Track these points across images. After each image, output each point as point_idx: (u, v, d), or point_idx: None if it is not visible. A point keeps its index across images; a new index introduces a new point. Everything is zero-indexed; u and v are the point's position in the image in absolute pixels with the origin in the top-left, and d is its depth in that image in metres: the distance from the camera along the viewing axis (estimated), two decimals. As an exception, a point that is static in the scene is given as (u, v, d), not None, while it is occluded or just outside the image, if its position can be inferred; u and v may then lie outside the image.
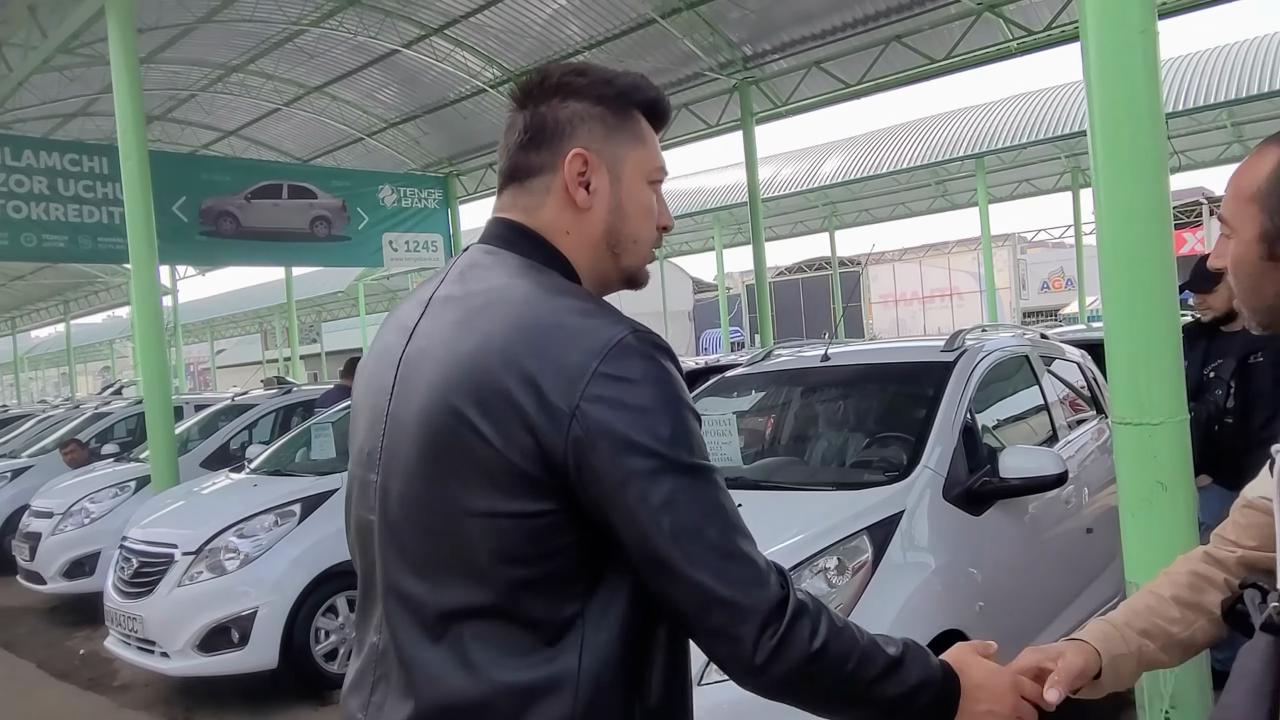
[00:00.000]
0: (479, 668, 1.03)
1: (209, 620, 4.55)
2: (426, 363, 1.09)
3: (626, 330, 1.05)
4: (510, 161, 1.19)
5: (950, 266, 37.96)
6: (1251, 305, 1.15)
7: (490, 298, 1.09)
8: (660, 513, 1.00)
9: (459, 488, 1.04)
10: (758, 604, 1.03)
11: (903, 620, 2.78)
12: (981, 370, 3.81)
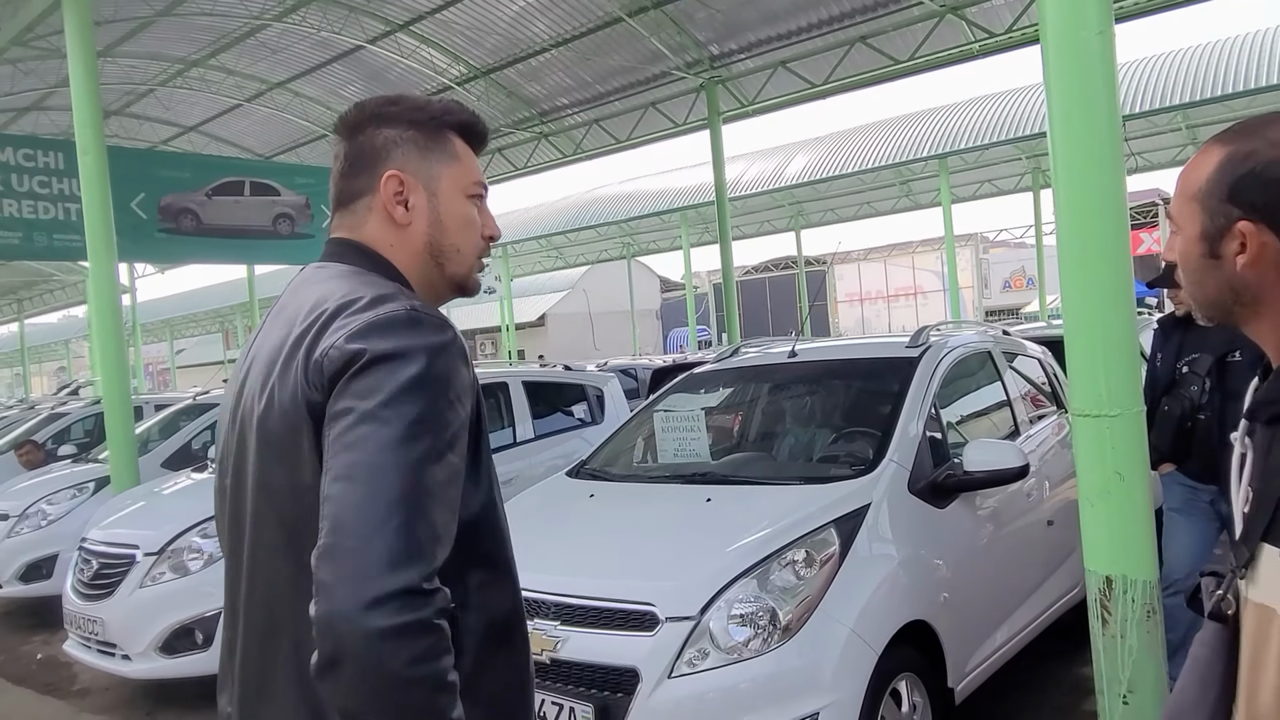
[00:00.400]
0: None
1: (172, 621, 4.47)
2: (255, 372, 1.19)
3: (405, 306, 1.10)
4: (336, 189, 1.29)
5: (914, 266, 38.40)
6: (1197, 299, 1.16)
7: (306, 294, 1.20)
8: (357, 455, 1.01)
9: (267, 467, 1.13)
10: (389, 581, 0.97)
11: (870, 611, 2.82)
12: (945, 366, 3.87)
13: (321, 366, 1.07)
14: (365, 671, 0.95)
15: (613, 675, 2.70)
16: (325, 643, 0.97)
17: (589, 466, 4.12)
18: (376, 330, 1.07)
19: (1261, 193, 1.05)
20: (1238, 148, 1.08)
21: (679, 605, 2.72)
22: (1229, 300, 1.13)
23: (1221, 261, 1.10)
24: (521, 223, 28.34)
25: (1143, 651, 2.30)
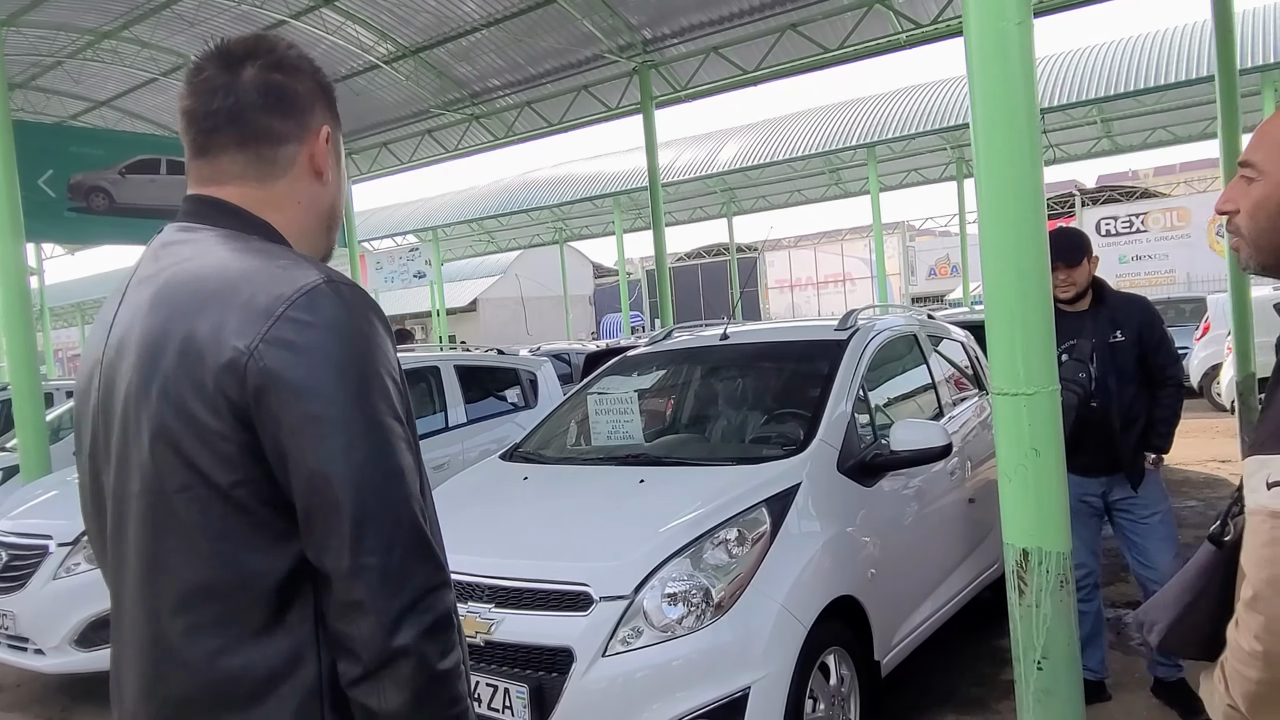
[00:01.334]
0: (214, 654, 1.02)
1: (89, 614, 4.31)
2: (126, 351, 1.08)
3: (321, 278, 1.03)
4: (236, 124, 1.13)
5: (844, 253, 39.11)
6: (1263, 244, 1.25)
7: (179, 270, 1.08)
8: (344, 456, 0.98)
9: (158, 461, 1.02)
10: (422, 582, 1.00)
11: (800, 587, 2.89)
12: (872, 348, 3.96)
13: (246, 372, 0.99)
14: (416, 671, 0.98)
15: (547, 655, 2.71)
16: (371, 653, 0.98)
17: (523, 449, 4.11)
18: (318, 312, 1.01)
19: None
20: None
21: (613, 585, 2.74)
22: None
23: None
24: (452, 206, 27.94)
25: (1056, 619, 2.40)
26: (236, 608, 1.02)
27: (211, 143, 1.15)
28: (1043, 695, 2.44)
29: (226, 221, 1.13)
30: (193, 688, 1.04)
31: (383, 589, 0.98)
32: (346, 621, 0.99)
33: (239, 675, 1.02)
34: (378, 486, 0.99)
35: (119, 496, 1.08)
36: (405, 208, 29.52)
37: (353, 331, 1.02)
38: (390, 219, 28.84)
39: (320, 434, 0.98)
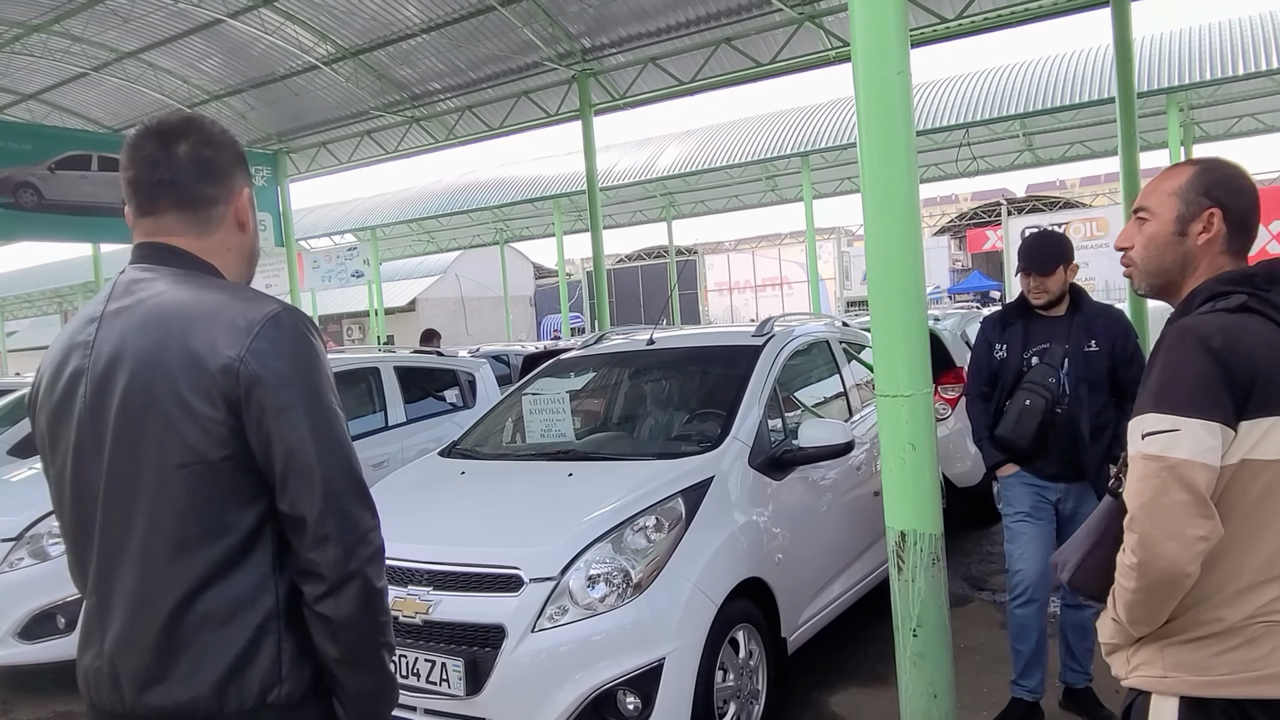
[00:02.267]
0: (198, 589, 1.33)
1: (32, 607, 4.41)
2: (121, 361, 1.35)
3: (280, 307, 1.38)
4: (176, 191, 1.42)
5: (781, 257, 39.86)
6: (1151, 268, 1.65)
7: (160, 300, 1.38)
8: (307, 432, 1.32)
9: (161, 441, 1.32)
10: (369, 523, 1.37)
11: (712, 569, 3.20)
12: (786, 353, 4.30)
13: (239, 373, 1.31)
14: (363, 587, 1.34)
15: (481, 632, 2.97)
16: (334, 574, 1.32)
17: (460, 446, 4.36)
18: (284, 333, 1.36)
19: (1225, 193, 1.59)
20: (1208, 164, 1.64)
21: (541, 567, 3.02)
22: (1177, 269, 1.63)
23: (1185, 239, 1.60)
24: (391, 205, 27.80)
25: (929, 593, 2.75)
26: (217, 552, 1.33)
27: (156, 205, 1.44)
28: (917, 659, 2.79)
29: (179, 263, 1.43)
30: (179, 616, 1.33)
31: (342, 526, 1.33)
32: (318, 551, 1.33)
33: (216, 603, 1.33)
34: (336, 454, 1.35)
35: (120, 476, 1.35)
36: (343, 206, 29.26)
37: (307, 345, 1.37)
38: (328, 217, 28.57)
39: (294, 417, 1.33)
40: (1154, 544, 1.41)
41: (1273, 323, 1.48)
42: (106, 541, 1.37)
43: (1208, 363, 1.43)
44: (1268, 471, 1.43)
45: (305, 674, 1.37)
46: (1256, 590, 1.45)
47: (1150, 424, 1.44)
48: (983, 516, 6.46)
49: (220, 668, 1.32)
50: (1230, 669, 1.44)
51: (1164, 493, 1.40)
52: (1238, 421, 1.42)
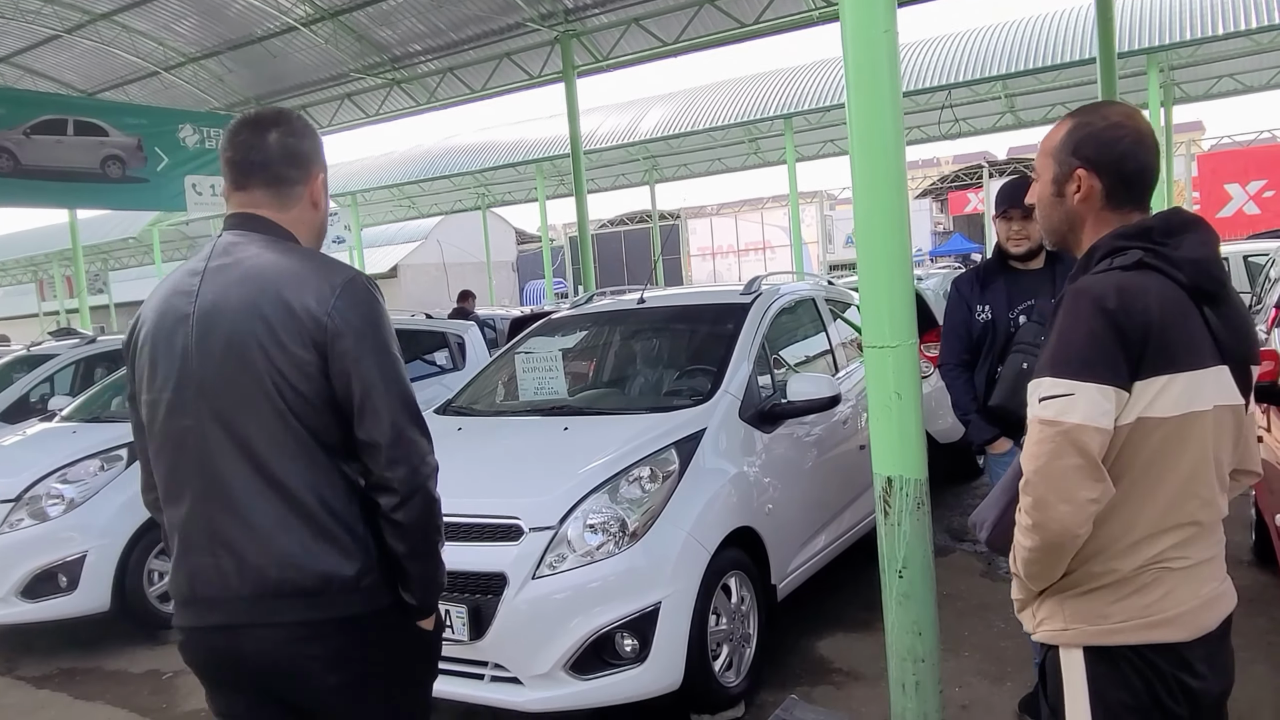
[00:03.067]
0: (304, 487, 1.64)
1: (33, 566, 4.49)
2: (225, 305, 1.66)
3: (356, 272, 1.71)
4: (266, 171, 1.74)
5: (764, 221, 39.83)
6: (1046, 228, 1.69)
7: (256, 260, 1.68)
8: (380, 374, 1.63)
9: (262, 375, 1.62)
10: (427, 448, 1.70)
11: (705, 518, 3.31)
12: (774, 311, 4.39)
13: (326, 326, 1.62)
14: (425, 498, 1.68)
15: (483, 580, 3.07)
16: (405, 488, 1.64)
17: (455, 404, 4.43)
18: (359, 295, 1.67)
19: (1093, 149, 1.56)
20: (1081, 119, 1.60)
21: (540, 517, 3.12)
22: (1066, 228, 1.65)
23: (1064, 199, 1.61)
24: (371, 170, 27.53)
25: (914, 536, 2.87)
26: (309, 465, 1.65)
27: (248, 182, 1.75)
28: (903, 599, 2.92)
29: (267, 230, 1.74)
30: (298, 511, 1.64)
31: (409, 450, 1.65)
32: (391, 470, 1.64)
33: (326, 503, 1.65)
34: (402, 391, 1.67)
35: (226, 403, 1.64)
36: (323, 171, 28.90)
37: (375, 303, 1.69)
38: (307, 183, 28.23)
39: (368, 363, 1.63)
40: (1047, 507, 1.44)
41: (1169, 279, 1.47)
42: (214, 458, 1.65)
43: (1102, 325, 1.43)
44: (1162, 429, 1.45)
45: (383, 565, 1.69)
46: (1149, 541, 1.48)
47: (1046, 388, 1.45)
48: (964, 472, 6.62)
49: (333, 554, 1.64)
50: (1125, 616, 1.48)
51: (1058, 456, 1.42)
52: (1132, 382, 1.44)
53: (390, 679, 1.74)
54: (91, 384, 7.27)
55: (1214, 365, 1.49)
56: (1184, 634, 1.48)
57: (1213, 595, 1.53)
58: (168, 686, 4.24)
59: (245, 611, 1.64)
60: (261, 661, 1.65)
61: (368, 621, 1.68)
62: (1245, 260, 9.86)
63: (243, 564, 1.63)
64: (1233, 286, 1.55)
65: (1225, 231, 24.07)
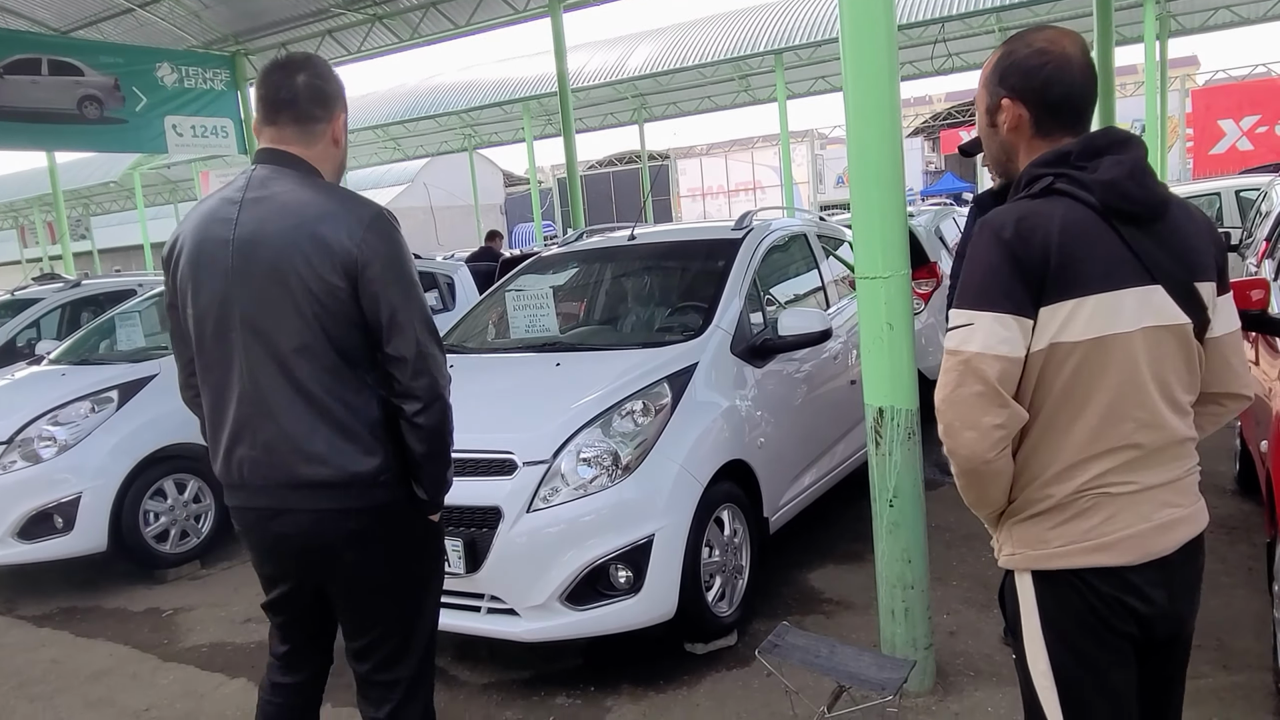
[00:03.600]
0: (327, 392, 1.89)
1: (28, 508, 4.50)
2: (264, 235, 1.87)
3: (380, 208, 1.92)
4: (294, 108, 1.94)
5: (754, 161, 39.47)
6: (989, 160, 1.69)
7: (291, 195, 1.90)
8: (404, 298, 1.87)
9: (298, 299, 1.85)
10: (444, 362, 1.94)
11: (697, 451, 3.33)
12: (765, 246, 4.36)
13: (357, 257, 1.84)
14: (443, 404, 1.95)
15: (479, 514, 3.10)
16: (428, 395, 1.91)
17: (446, 342, 4.39)
18: (385, 228, 1.90)
19: (1017, 78, 1.55)
20: (1007, 48, 1.59)
21: (534, 451, 3.13)
22: (1004, 158, 1.64)
23: (997, 130, 1.61)
24: (355, 110, 26.40)
25: (904, 466, 2.89)
26: (338, 376, 1.89)
27: (278, 118, 1.96)
28: (893, 528, 2.96)
29: (297, 166, 1.95)
30: (324, 415, 1.89)
31: (431, 364, 1.90)
32: (416, 380, 1.89)
33: (351, 408, 1.90)
34: (422, 312, 1.91)
35: (267, 323, 1.88)
36: (305, 112, 28.36)
37: (398, 236, 1.91)
38: (290, 124, 27.72)
39: (395, 286, 1.87)
40: (955, 433, 1.47)
41: (1079, 202, 1.45)
42: (254, 369, 1.90)
43: (999, 255, 1.44)
44: (1077, 352, 1.44)
45: (399, 465, 1.95)
46: (1082, 466, 1.48)
47: (952, 319, 1.50)
48: (953, 407, 6.65)
49: (355, 453, 1.89)
50: (1065, 540, 1.50)
51: (960, 384, 1.45)
52: (1035, 309, 1.44)
53: (402, 563, 2.03)
54: (78, 327, 7.22)
55: (1137, 286, 1.45)
56: (1127, 558, 1.48)
57: (1168, 520, 1.51)
58: (168, 624, 4.30)
59: (282, 498, 1.93)
60: (295, 538, 1.96)
61: (384, 511, 1.95)
62: (1237, 195, 9.85)
63: (280, 459, 1.91)
64: (1177, 203, 1.52)
65: (1218, 168, 24.00)
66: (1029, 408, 1.48)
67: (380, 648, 2.05)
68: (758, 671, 3.23)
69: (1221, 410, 1.64)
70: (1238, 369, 1.60)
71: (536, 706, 3.20)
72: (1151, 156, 2.93)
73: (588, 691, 3.27)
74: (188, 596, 4.62)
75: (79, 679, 3.77)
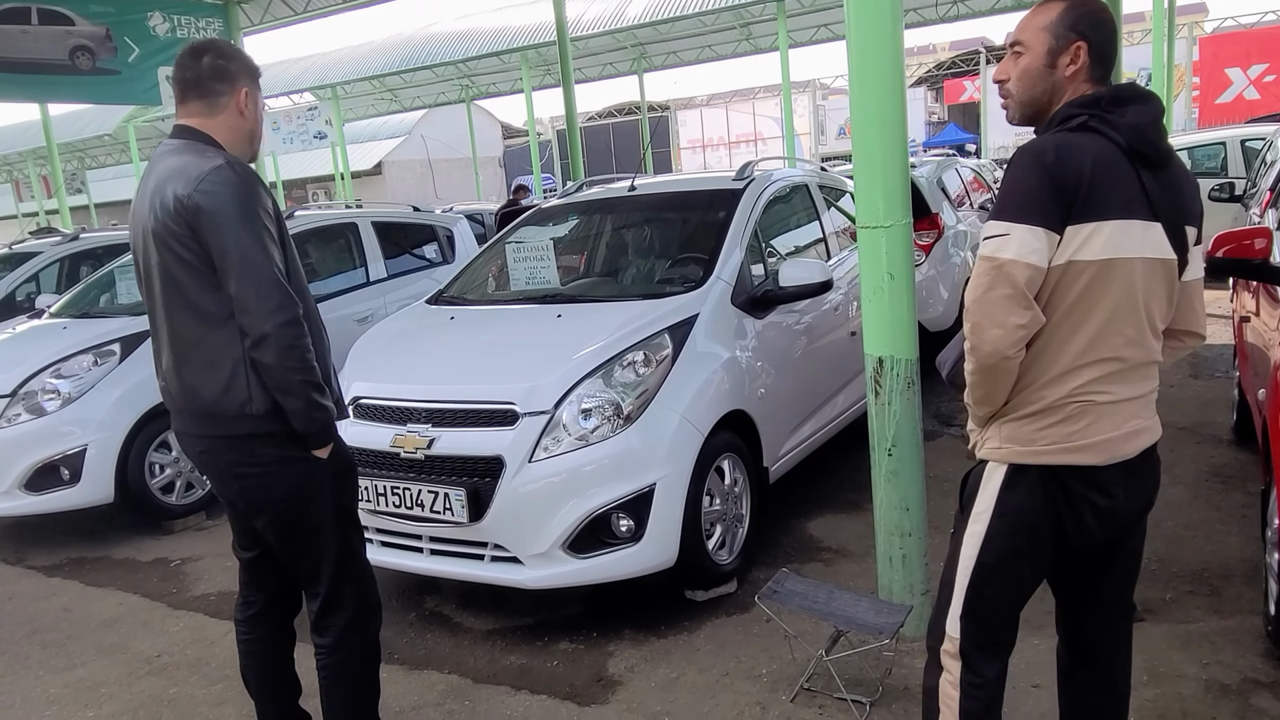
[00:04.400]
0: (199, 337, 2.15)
1: (35, 460, 4.54)
2: (143, 200, 2.17)
3: (222, 162, 2.09)
4: (198, 87, 2.19)
5: (755, 112, 38.95)
6: (1027, 99, 1.80)
7: (165, 163, 2.14)
8: (232, 242, 2.04)
9: (164, 251, 2.12)
10: (276, 304, 2.05)
11: (698, 401, 3.35)
12: (766, 197, 4.33)
13: (187, 205, 2.05)
14: (275, 342, 2.06)
15: (481, 464, 3.13)
16: (254, 332, 2.06)
17: (447, 294, 4.42)
18: (220, 178, 2.07)
19: (1088, 26, 1.73)
20: (1075, 1, 1.74)
21: (536, 402, 3.15)
22: (1047, 99, 1.77)
23: (1055, 70, 1.75)
24: (351, 61, 26.61)
25: (903, 415, 2.91)
26: (205, 319, 2.12)
27: (186, 95, 2.21)
28: (892, 476, 2.99)
29: (191, 137, 2.19)
30: (193, 352, 2.15)
31: (255, 300, 2.04)
32: (243, 318, 2.07)
33: (210, 346, 2.13)
34: (250, 255, 2.05)
35: (156, 275, 2.16)
36: (301, 62, 27.96)
37: (237, 183, 2.07)
38: (285, 75, 27.33)
39: (222, 232, 2.05)
40: (982, 330, 1.66)
41: (1108, 140, 1.65)
42: (154, 313, 2.23)
43: (1038, 176, 1.63)
44: (1089, 271, 1.65)
45: (266, 398, 2.13)
46: (1074, 374, 1.69)
47: (989, 230, 1.67)
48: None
49: (217, 387, 2.13)
50: (1050, 441, 1.72)
51: (992, 288, 1.64)
52: (1063, 226, 1.63)
53: (292, 492, 2.21)
54: (77, 281, 7.21)
55: (1145, 220, 1.67)
56: (1099, 459, 1.72)
57: (1134, 429, 1.75)
58: (176, 573, 4.36)
59: (184, 424, 2.24)
60: (200, 460, 2.28)
61: (255, 440, 2.15)
62: (1243, 145, 9.75)
63: (176, 391, 2.22)
64: (1177, 156, 1.74)
65: (1223, 117, 23.71)
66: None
67: (297, 570, 2.32)
68: (757, 618, 3.28)
69: (1180, 345, 1.88)
70: (1198, 310, 1.85)
71: (540, 651, 3.27)
72: (1157, 105, 2.80)
73: (590, 637, 3.33)
74: (194, 547, 4.68)
75: (91, 626, 3.84)
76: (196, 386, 2.15)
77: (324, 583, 2.28)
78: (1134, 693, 2.65)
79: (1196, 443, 4.78)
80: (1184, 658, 2.84)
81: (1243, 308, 4.13)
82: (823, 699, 2.79)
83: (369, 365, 3.69)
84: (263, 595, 2.45)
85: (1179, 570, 3.40)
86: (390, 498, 3.26)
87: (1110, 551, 1.85)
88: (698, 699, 2.87)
